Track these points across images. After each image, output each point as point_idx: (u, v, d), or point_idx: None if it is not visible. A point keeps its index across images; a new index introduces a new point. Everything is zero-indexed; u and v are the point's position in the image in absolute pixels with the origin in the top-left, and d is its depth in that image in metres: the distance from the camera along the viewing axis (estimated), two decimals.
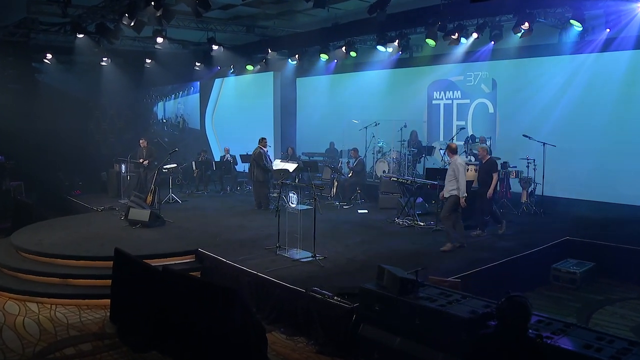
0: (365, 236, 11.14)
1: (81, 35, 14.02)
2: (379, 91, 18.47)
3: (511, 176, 13.44)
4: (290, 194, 9.60)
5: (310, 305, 7.38)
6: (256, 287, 8.37)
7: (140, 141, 16.24)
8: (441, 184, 11.57)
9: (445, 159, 14.06)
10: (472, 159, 14.21)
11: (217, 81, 23.50)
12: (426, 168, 12.20)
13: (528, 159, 13.24)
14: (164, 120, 26.88)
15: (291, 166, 14.58)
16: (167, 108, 27.22)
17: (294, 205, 9.54)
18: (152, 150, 16.28)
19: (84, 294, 8.90)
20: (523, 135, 13.37)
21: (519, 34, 12.50)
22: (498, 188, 13.41)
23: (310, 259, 9.23)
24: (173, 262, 9.80)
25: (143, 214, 11.94)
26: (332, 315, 7.05)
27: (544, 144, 13.05)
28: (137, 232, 11.55)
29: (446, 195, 10.19)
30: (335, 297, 7.09)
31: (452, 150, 10.22)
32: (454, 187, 10.04)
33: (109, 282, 8.24)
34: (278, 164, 15.05)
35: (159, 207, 13.51)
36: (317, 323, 7.21)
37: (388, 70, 18.16)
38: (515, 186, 13.83)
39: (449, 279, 7.11)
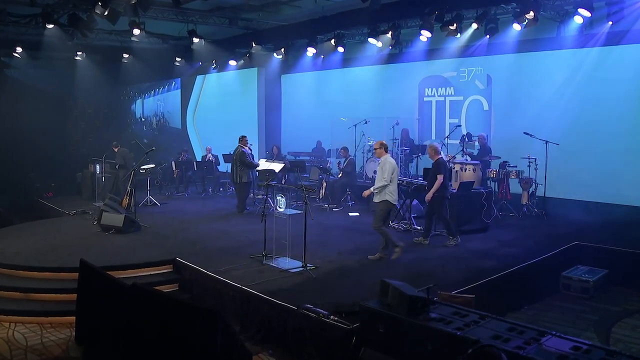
0: (359, 242, 10.30)
1: (51, 26, 12.98)
2: (368, 88, 17.72)
3: (511, 176, 12.65)
4: (278, 197, 8.71)
5: (302, 325, 6.51)
6: (241, 302, 7.48)
7: (113, 145, 15.23)
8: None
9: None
10: (468, 158, 13.44)
11: (199, 78, 22.56)
12: (424, 168, 11.36)
13: (529, 158, 12.46)
14: (143, 119, 25.82)
15: (277, 166, 13.70)
16: (146, 106, 26.14)
17: (282, 210, 8.66)
18: (125, 154, 15.26)
19: (48, 311, 7.96)
20: (524, 133, 12.62)
21: (524, 23, 11.68)
22: (497, 189, 12.73)
23: (301, 269, 8.36)
24: (148, 273, 8.93)
25: (117, 219, 10.99)
26: (328, 337, 6.19)
27: (547, 142, 12.30)
28: (110, 239, 10.59)
29: (376, 200, 9.23)
30: (331, 317, 6.23)
31: (385, 148, 9.27)
32: (384, 190, 9.08)
33: (75, 296, 7.32)
34: (263, 164, 14.17)
35: (136, 211, 12.57)
36: (310, 345, 6.34)
37: (377, 66, 17.44)
38: (515, 187, 13.06)
39: (461, 294, 6.25)
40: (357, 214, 13.18)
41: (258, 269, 8.53)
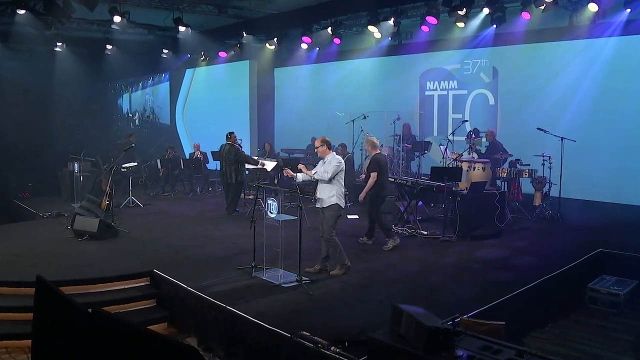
0: (360, 250, 9.27)
1: (22, 12, 11.91)
2: (366, 82, 16.80)
3: (524, 175, 11.64)
4: (269, 201, 7.66)
5: (297, 355, 5.48)
6: (225, 324, 6.45)
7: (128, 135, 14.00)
8: (449, 184, 9.82)
9: (447, 156, 12.28)
10: (475, 156, 12.46)
11: (189, 72, 21.52)
12: (432, 167, 10.36)
13: (544, 156, 11.45)
14: (130, 115, 24.64)
15: (270, 164, 12.65)
16: (133, 100, 24.95)
17: (273, 216, 7.61)
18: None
19: (2, 333, 6.88)
20: (538, 128, 11.60)
21: (541, 8, 10.69)
22: (507, 189, 11.74)
23: (295, 283, 7.32)
24: (122, 287, 7.86)
25: (91, 224, 9.93)
26: None
27: (562, 138, 11.30)
28: (82, 246, 9.53)
29: (320, 205, 7.98)
30: (332, 347, 5.20)
31: (328, 145, 8.12)
32: (332, 192, 7.85)
33: None
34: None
35: (115, 213, 11.54)
36: None
37: (376, 59, 16.56)
38: (526, 187, 12.07)
39: (487, 321, 5.22)
40: (356, 216, 12.15)
41: (246, 283, 7.49)
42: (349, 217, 12.08)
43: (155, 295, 7.84)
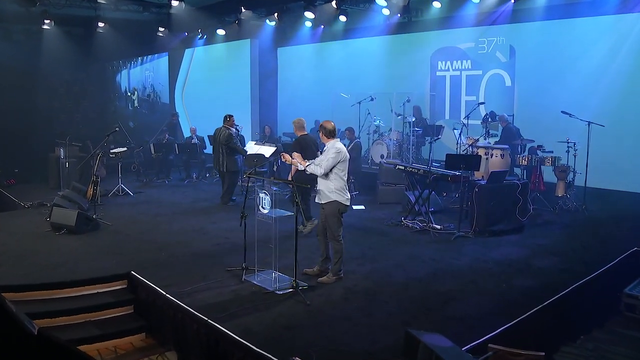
0: (366, 247, 8.30)
1: None
2: (373, 61, 15.72)
3: (546, 163, 10.61)
4: (261, 195, 6.68)
5: None
6: (207, 341, 5.51)
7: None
8: (464, 174, 8.83)
9: (462, 141, 11.26)
10: (491, 141, 11.44)
11: (188, 51, 20.42)
12: (447, 154, 9.33)
13: (568, 142, 10.42)
14: (129, 94, 23.46)
15: (268, 150, 11.66)
16: (132, 77, 23.72)
17: (265, 211, 6.65)
18: None
19: None
20: (562, 112, 10.57)
21: None
22: (527, 178, 10.73)
23: (290, 290, 6.37)
24: (95, 292, 6.94)
25: (68, 216, 9.00)
26: None
27: (589, 123, 10.27)
28: (57, 242, 8.60)
29: (320, 201, 6.86)
30: None
31: (326, 132, 6.90)
32: (331, 187, 6.70)
33: None
34: (252, 147, 12.15)
35: (102, 203, 10.66)
36: None
37: (384, 37, 15.49)
38: (549, 175, 11.06)
39: (525, 352, 4.24)
40: (362, 207, 11.19)
41: (235, 288, 6.55)
42: (354, 207, 11.12)
43: (132, 301, 6.92)
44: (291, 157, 7.15)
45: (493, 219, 8.78)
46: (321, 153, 7.26)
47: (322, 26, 15.98)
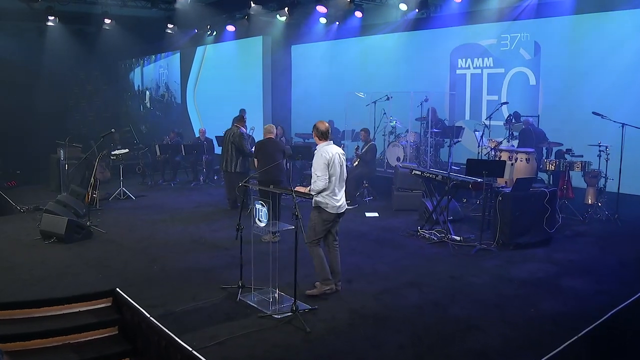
0: (378, 260, 7.57)
1: None
2: (390, 59, 15.00)
3: (575, 168, 9.77)
4: (257, 206, 5.98)
5: None
6: None
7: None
8: (487, 182, 8.06)
9: (484, 144, 10.46)
10: (515, 144, 10.64)
11: (199, 50, 19.81)
12: (468, 160, 8.53)
13: (600, 146, 9.58)
14: (139, 92, 22.79)
15: None
16: (146, 74, 23.04)
17: (262, 225, 5.94)
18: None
19: None
20: (593, 113, 9.73)
21: None
22: (551, 183, 9.91)
23: (289, 314, 5.66)
24: (77, 310, 6.30)
25: (58, 224, 8.39)
26: None
27: (623, 125, 9.42)
28: (44, 252, 7.98)
29: (313, 203, 6.33)
30: None
31: (319, 134, 6.36)
32: (327, 191, 6.24)
33: None
34: None
35: (98, 208, 10.08)
36: None
37: (401, 34, 14.73)
38: (577, 181, 10.23)
39: None
40: (376, 214, 10.46)
41: (228, 310, 5.86)
42: (367, 214, 10.42)
43: (117, 322, 6.26)
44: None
45: (518, 230, 7.98)
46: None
47: (337, 22, 15.29)
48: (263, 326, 5.46)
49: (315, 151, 6.34)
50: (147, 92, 22.67)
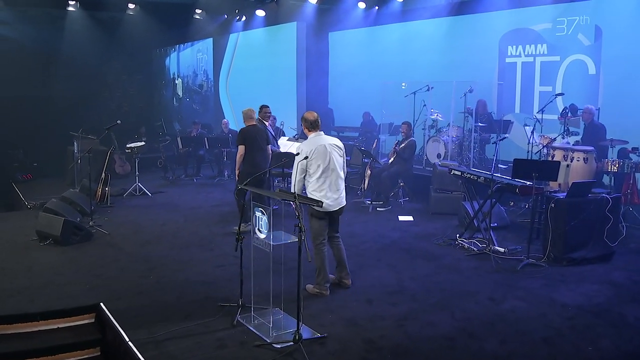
0: (406, 275, 6.51)
1: None
2: (431, 46, 13.80)
3: None
4: (257, 213, 5.03)
5: None
6: None
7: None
8: (538, 186, 6.91)
9: (535, 141, 9.26)
10: (570, 141, 9.39)
11: (232, 37, 18.97)
12: (515, 160, 7.36)
13: None
14: (176, 81, 21.84)
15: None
16: (182, 60, 22.04)
17: (263, 236, 4.99)
18: None
19: None
20: None
21: None
22: (615, 187, 8.64)
23: (291, 344, 4.69)
24: (56, 327, 5.48)
25: (54, 224, 7.63)
26: None
27: None
28: (34, 256, 7.23)
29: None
30: None
31: (307, 124, 6.00)
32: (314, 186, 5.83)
33: None
34: (284, 144, 10.50)
35: (109, 205, 9.38)
36: None
37: (445, 19, 13.52)
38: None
39: None
40: (411, 217, 9.38)
41: (221, 335, 4.93)
42: (400, 218, 9.35)
43: (99, 342, 5.41)
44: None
45: (573, 243, 6.80)
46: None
47: (377, 7, 14.28)
48: (258, 359, 4.51)
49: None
50: (180, 80, 21.79)
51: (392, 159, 10.71)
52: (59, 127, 14.38)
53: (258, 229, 5.04)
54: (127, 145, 11.42)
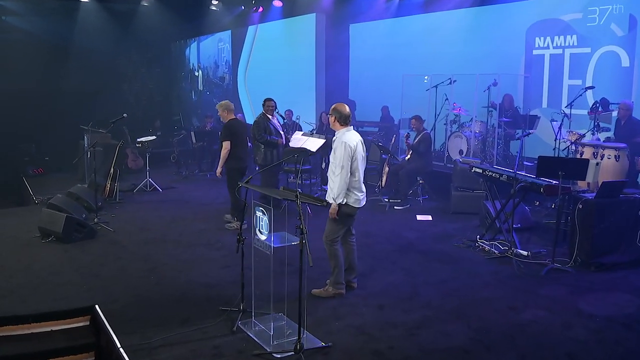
0: (420, 280, 6.11)
1: None
2: (455, 38, 13.26)
3: None
4: (258, 213, 4.68)
5: None
6: None
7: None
8: (564, 185, 6.44)
9: (563, 137, 8.77)
10: (601, 138, 8.88)
11: (250, 29, 18.64)
12: (540, 157, 6.89)
13: None
14: (196, 73, 21.45)
15: (314, 143, 9.45)
16: (202, 51, 21.67)
17: (263, 238, 4.65)
18: None
19: None
20: None
21: None
22: None
23: (292, 353, 4.34)
24: (49, 329, 5.20)
25: (56, 221, 7.37)
26: None
27: None
28: (34, 254, 6.97)
29: (329, 199, 5.53)
30: None
31: (341, 118, 5.51)
32: (335, 183, 5.45)
33: None
34: (298, 138, 10.12)
35: (118, 200, 9.15)
36: None
37: (469, 9, 13.01)
38: None
39: None
40: (429, 217, 8.96)
41: (219, 343, 4.60)
42: (418, 217, 8.94)
43: (94, 346, 5.12)
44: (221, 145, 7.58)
45: (603, 247, 6.33)
46: None
47: None
48: None
49: (334, 139, 5.43)
50: (200, 73, 21.44)
51: (409, 155, 10.30)
52: (72, 120, 14.12)
53: (259, 230, 4.69)
54: (138, 140, 11.16)
